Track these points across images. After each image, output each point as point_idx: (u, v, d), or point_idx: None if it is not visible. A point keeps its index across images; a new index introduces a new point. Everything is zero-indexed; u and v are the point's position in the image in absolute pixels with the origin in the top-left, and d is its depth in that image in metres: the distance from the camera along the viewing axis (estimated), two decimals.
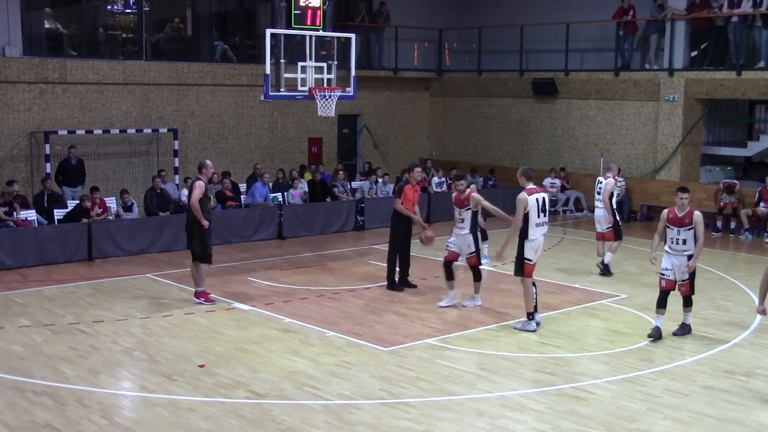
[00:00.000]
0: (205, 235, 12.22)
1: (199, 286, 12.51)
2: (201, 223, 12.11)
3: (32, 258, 14.91)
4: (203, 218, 12.11)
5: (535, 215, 10.93)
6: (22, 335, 10.79)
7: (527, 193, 10.95)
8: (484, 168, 23.06)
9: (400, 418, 8.17)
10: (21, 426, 7.90)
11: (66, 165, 17.85)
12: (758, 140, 20.51)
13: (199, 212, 12.08)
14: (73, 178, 17.87)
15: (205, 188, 12.26)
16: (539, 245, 11.13)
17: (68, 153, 17.83)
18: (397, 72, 24.39)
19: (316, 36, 15.64)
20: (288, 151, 22.27)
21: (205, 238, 12.23)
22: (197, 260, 12.37)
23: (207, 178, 12.64)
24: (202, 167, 12.54)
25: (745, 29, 19.46)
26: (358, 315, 11.90)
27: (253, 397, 8.66)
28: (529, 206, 10.88)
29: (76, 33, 20.12)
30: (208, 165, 12.59)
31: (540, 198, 11.03)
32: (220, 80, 20.79)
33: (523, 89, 23.30)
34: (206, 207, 12.31)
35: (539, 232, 11.07)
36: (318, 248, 17.06)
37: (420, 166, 14.49)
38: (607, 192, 14.26)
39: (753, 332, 11.27)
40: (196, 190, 12.16)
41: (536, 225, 10.99)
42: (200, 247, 12.27)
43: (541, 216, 11.02)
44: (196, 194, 12.13)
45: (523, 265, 11.06)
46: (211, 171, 12.94)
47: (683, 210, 10.66)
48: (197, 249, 12.30)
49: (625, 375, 9.39)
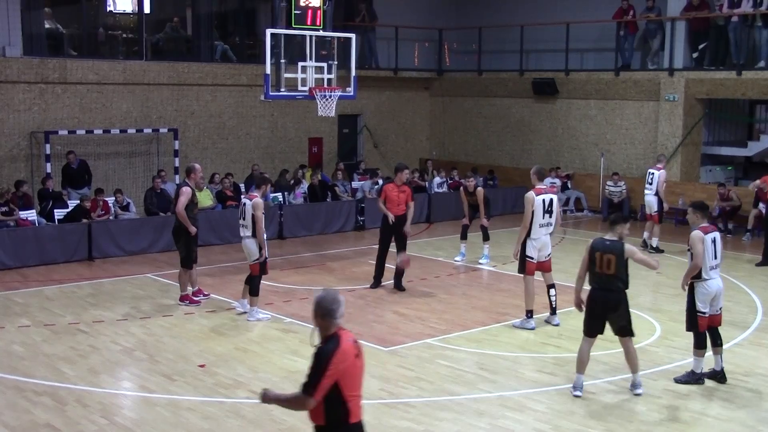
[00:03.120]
0: (190, 241, 12.07)
1: (182, 290, 12.41)
2: (188, 230, 11.94)
3: (32, 258, 14.91)
4: (191, 225, 11.96)
5: (540, 215, 11.00)
6: (22, 335, 10.79)
7: (536, 193, 11.03)
8: (484, 168, 23.07)
9: (400, 418, 8.17)
10: (21, 426, 7.90)
11: (68, 169, 17.78)
12: (758, 140, 20.50)
13: (186, 219, 11.89)
14: (76, 181, 17.79)
15: (192, 194, 12.03)
16: (542, 244, 11.18)
17: (67, 158, 17.74)
18: (397, 72, 24.38)
19: (316, 36, 15.64)
20: (288, 151, 22.26)
21: (190, 243, 12.09)
22: (181, 265, 12.30)
23: (194, 182, 12.32)
24: (190, 171, 12.23)
25: (746, 29, 19.46)
26: (358, 315, 11.90)
27: (253, 397, 8.65)
28: (535, 206, 10.94)
29: (76, 33, 20.12)
30: (196, 169, 12.29)
31: (547, 199, 11.12)
32: (220, 80, 20.78)
33: (523, 89, 23.29)
34: (192, 213, 12.05)
35: (543, 232, 11.13)
36: (318, 248, 17.06)
37: (408, 168, 14.44)
38: (661, 182, 16.58)
39: (753, 332, 11.27)
40: (182, 197, 11.86)
41: (540, 225, 11.05)
42: (184, 252, 12.16)
43: (546, 217, 11.10)
44: (182, 201, 11.84)
45: (525, 263, 11.10)
46: (199, 175, 12.64)
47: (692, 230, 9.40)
48: (182, 253, 12.21)
49: (625, 375, 9.38)
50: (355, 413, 5.23)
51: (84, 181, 17.90)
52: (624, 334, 8.75)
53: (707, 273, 8.96)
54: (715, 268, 9.05)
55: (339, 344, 5.19)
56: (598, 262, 8.57)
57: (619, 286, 8.57)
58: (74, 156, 17.81)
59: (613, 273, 8.52)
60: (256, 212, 11.46)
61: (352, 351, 5.21)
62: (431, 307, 12.38)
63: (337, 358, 5.12)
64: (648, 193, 16.94)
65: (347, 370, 5.16)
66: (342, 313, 5.32)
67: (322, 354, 5.16)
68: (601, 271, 8.57)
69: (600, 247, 8.63)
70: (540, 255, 11.17)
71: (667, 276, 14.61)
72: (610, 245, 8.60)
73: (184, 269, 12.28)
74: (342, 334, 5.26)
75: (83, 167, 18.01)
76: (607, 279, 8.56)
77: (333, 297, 5.35)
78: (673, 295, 13.10)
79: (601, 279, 8.60)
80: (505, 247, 16.77)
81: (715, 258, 9.01)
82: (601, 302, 8.64)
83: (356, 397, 5.24)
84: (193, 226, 11.97)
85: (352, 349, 5.22)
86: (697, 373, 9.13)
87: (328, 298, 5.34)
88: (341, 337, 5.23)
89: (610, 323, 8.71)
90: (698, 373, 9.13)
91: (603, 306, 8.64)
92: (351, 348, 5.21)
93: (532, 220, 10.99)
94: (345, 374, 5.15)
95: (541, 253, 11.18)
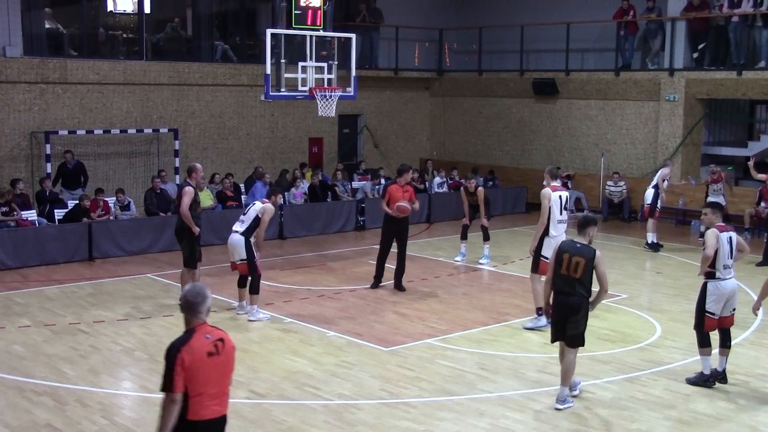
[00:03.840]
0: (193, 240, 12.05)
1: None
2: (192, 229, 11.93)
3: (33, 258, 14.91)
4: (194, 225, 11.94)
5: (557, 212, 11.06)
6: (22, 335, 10.80)
7: (552, 190, 11.09)
8: (484, 168, 23.07)
9: (401, 418, 8.17)
10: (21, 426, 7.90)
11: (63, 168, 17.73)
12: (758, 140, 20.49)
13: (190, 219, 11.86)
14: (70, 182, 17.73)
15: (194, 193, 12.01)
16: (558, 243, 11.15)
17: (64, 157, 17.73)
18: (398, 72, 24.39)
19: (317, 36, 15.64)
20: (288, 151, 22.27)
21: (193, 243, 12.07)
22: (184, 265, 12.31)
23: (196, 182, 12.24)
24: (192, 171, 12.17)
25: (746, 29, 19.46)
26: (359, 315, 11.91)
27: (253, 397, 8.66)
28: (552, 202, 10.99)
29: (76, 33, 20.13)
30: (198, 169, 12.24)
31: (563, 196, 11.19)
32: (220, 80, 20.79)
33: (523, 89, 23.29)
34: (195, 212, 12.04)
35: (560, 229, 11.13)
36: (318, 248, 17.06)
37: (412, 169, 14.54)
38: (660, 178, 17.03)
39: (753, 332, 11.27)
40: (185, 197, 11.83)
41: (558, 222, 11.09)
42: (188, 252, 12.16)
43: (563, 213, 11.16)
44: (186, 201, 11.82)
45: (539, 262, 11.11)
46: (200, 175, 12.56)
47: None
48: (185, 253, 12.21)
49: (625, 375, 9.39)
50: (195, 411, 5.16)
51: (79, 183, 17.75)
52: (573, 345, 8.34)
53: (721, 272, 8.92)
54: (730, 268, 8.99)
55: (189, 339, 5.15)
56: (564, 263, 8.25)
57: (581, 292, 8.25)
58: (71, 156, 17.79)
59: (579, 277, 8.20)
60: (264, 216, 11.59)
61: (205, 348, 5.14)
62: (431, 307, 12.38)
63: (183, 352, 5.09)
64: (648, 187, 17.39)
65: (193, 366, 5.10)
66: (206, 309, 5.25)
67: (170, 348, 5.17)
68: (566, 273, 8.25)
69: (569, 249, 8.33)
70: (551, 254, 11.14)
71: (667, 276, 14.63)
72: (581, 248, 8.31)
73: (187, 269, 12.28)
74: (199, 329, 5.20)
75: (79, 168, 17.89)
76: (571, 282, 8.24)
77: (197, 291, 5.27)
78: (673, 295, 13.12)
79: (564, 281, 8.28)
80: (505, 247, 16.80)
81: (730, 257, 8.97)
82: (561, 307, 8.32)
83: (201, 396, 5.15)
84: (196, 226, 11.98)
85: (206, 346, 5.14)
86: (706, 374, 9.11)
87: (192, 292, 5.27)
88: (196, 332, 5.19)
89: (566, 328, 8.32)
90: (706, 375, 9.10)
91: (562, 310, 8.31)
92: (203, 345, 5.14)
93: (550, 218, 11.01)
94: (190, 370, 5.10)
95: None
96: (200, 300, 5.24)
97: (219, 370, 5.25)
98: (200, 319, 5.24)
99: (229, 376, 5.39)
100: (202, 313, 5.25)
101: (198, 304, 5.23)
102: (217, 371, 5.24)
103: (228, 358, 5.30)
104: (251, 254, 11.63)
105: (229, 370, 5.35)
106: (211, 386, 5.21)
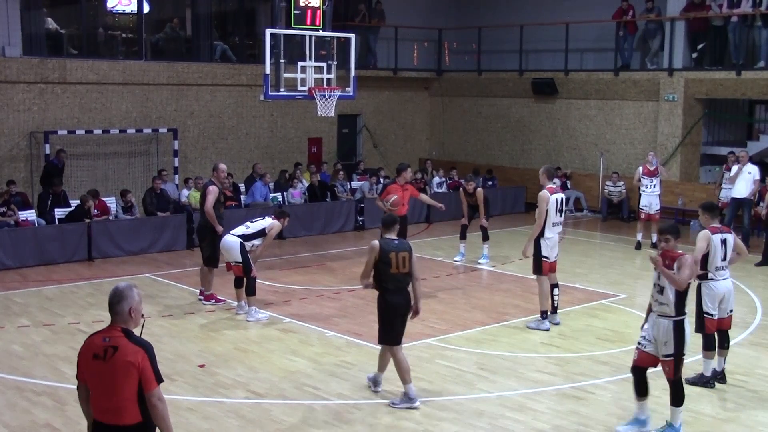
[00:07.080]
0: (215, 240, 12.09)
1: (206, 288, 12.48)
2: (216, 228, 11.99)
3: (32, 258, 14.90)
4: (218, 224, 12.01)
5: (553, 214, 11.05)
6: (21, 335, 10.79)
7: (549, 192, 11.07)
8: (483, 168, 23.08)
9: (400, 418, 8.17)
10: (21, 426, 7.90)
11: (50, 166, 17.44)
12: (758, 140, 20.49)
13: (214, 218, 11.96)
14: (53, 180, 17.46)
15: (218, 192, 12.12)
16: (554, 243, 11.22)
17: (57, 155, 17.55)
18: (397, 72, 24.39)
19: (316, 36, 15.64)
20: (288, 151, 22.26)
21: (215, 242, 12.10)
22: (205, 264, 12.35)
23: (219, 181, 12.39)
24: (215, 170, 12.40)
25: (745, 29, 19.46)
26: (358, 315, 11.90)
27: (253, 397, 8.66)
28: (549, 205, 10.98)
29: (75, 33, 20.12)
30: (220, 168, 12.39)
31: (559, 198, 11.19)
32: (219, 80, 20.79)
33: (522, 89, 23.30)
34: (219, 212, 12.16)
35: (555, 231, 11.16)
36: (318, 248, 17.05)
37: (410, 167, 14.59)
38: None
39: (753, 332, 11.27)
40: (210, 196, 11.94)
41: (553, 224, 11.10)
42: (209, 251, 12.22)
43: (558, 216, 11.15)
44: (210, 200, 11.92)
45: (541, 263, 11.11)
46: (223, 174, 12.67)
47: None
48: (206, 252, 12.26)
49: (625, 375, 9.37)
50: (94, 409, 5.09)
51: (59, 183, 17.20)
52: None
53: (714, 273, 8.91)
54: (723, 269, 8.98)
55: (94, 334, 5.10)
56: (394, 262, 8.29)
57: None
58: (65, 155, 17.73)
59: (408, 271, 8.38)
60: (271, 231, 11.79)
61: (92, 349, 5.01)
62: (431, 307, 12.36)
63: (84, 343, 5.09)
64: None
65: (80, 361, 5.08)
66: (124, 311, 5.07)
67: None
68: (397, 270, 8.32)
69: (392, 247, 8.35)
70: (551, 254, 11.18)
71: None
72: (400, 244, 8.44)
73: (208, 268, 12.30)
74: (108, 329, 5.08)
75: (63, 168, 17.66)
76: (403, 278, 8.38)
77: (117, 291, 5.14)
78: None
79: (397, 279, 8.34)
80: (504, 247, 16.79)
81: (723, 260, 8.96)
82: (397, 304, 8.41)
83: (94, 398, 5.05)
84: (219, 225, 12.00)
85: (94, 347, 5.01)
86: (706, 376, 9.11)
87: (114, 291, 5.15)
88: (103, 330, 5.09)
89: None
90: (707, 376, 9.11)
91: (399, 307, 8.41)
92: (96, 345, 5.01)
93: (546, 219, 11.02)
94: (79, 365, 5.10)
95: (552, 252, 11.19)
96: (116, 300, 5.08)
97: (103, 379, 4.96)
98: (115, 319, 5.08)
99: (118, 391, 4.94)
100: (117, 314, 5.06)
101: (113, 304, 5.08)
102: (101, 379, 4.97)
103: (114, 369, 4.92)
104: (246, 257, 11.64)
105: (115, 384, 4.93)
106: (97, 392, 5.03)
